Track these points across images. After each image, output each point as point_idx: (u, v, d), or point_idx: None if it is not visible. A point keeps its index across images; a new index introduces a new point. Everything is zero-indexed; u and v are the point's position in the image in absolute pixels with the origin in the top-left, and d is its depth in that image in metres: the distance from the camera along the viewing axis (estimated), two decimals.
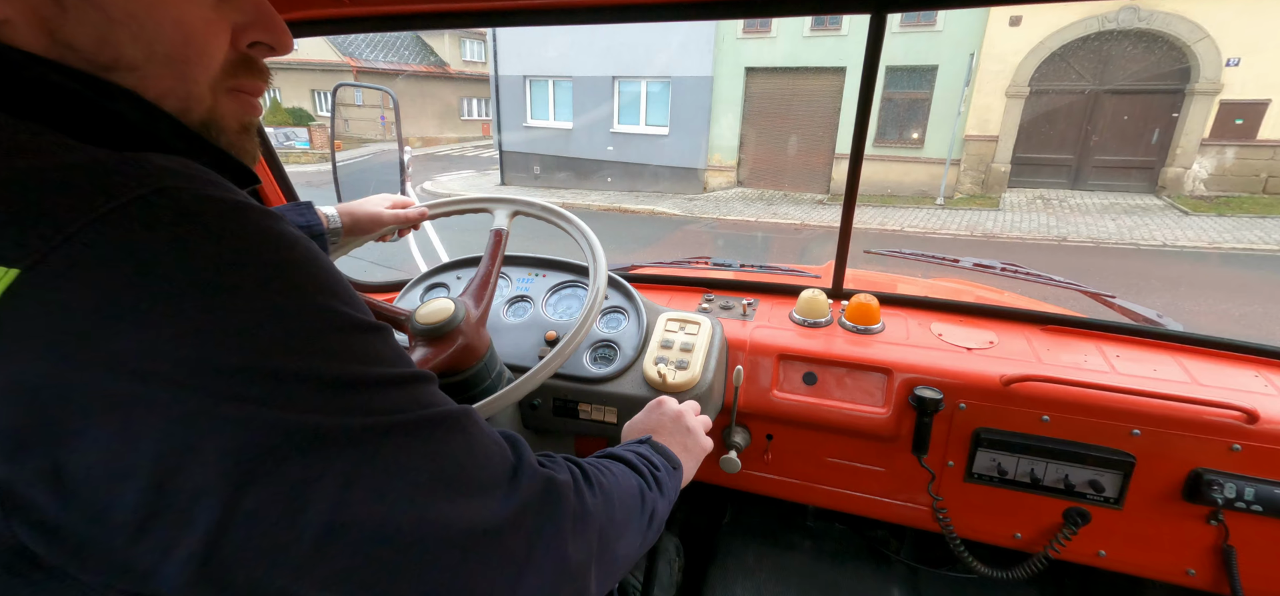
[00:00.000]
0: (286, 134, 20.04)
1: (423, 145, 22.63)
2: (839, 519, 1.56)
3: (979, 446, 1.09)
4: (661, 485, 0.66)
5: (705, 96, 11.92)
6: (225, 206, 0.34)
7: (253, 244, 0.34)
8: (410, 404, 0.38)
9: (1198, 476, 0.98)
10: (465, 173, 15.97)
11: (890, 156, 11.51)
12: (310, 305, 0.35)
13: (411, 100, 22.36)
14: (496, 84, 13.75)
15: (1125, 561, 1.09)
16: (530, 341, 1.23)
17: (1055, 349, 1.16)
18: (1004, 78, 10.36)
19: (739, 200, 11.69)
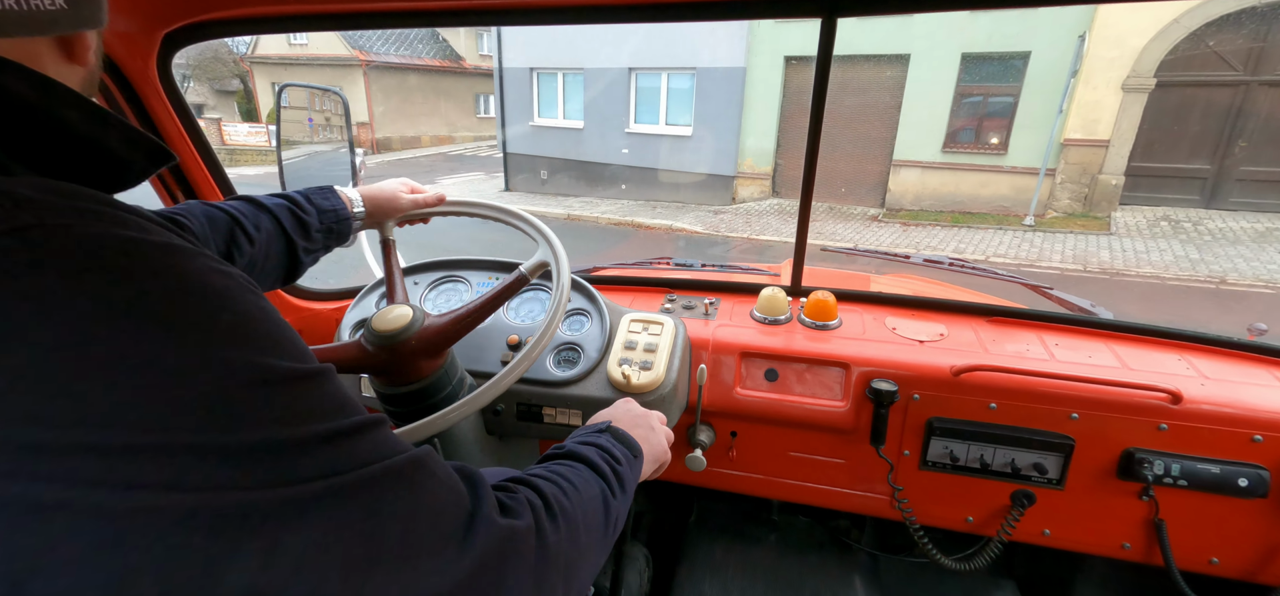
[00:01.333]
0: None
1: (434, 144, 21.51)
2: (803, 511, 1.60)
3: (932, 435, 1.13)
4: (623, 481, 0.64)
5: (736, 91, 9.87)
6: (106, 245, 0.30)
7: (143, 290, 0.30)
8: (346, 462, 0.33)
9: (1130, 455, 1.04)
10: (472, 175, 14.83)
11: (962, 165, 9.08)
12: (217, 359, 0.30)
13: (424, 97, 21.15)
14: (501, 77, 12.03)
15: (1068, 539, 1.16)
16: (492, 347, 1.21)
17: (1000, 339, 1.22)
18: (1121, 66, 7.79)
19: (774, 214, 9.60)
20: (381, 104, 20.10)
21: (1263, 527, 1.04)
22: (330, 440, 0.33)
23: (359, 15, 1.14)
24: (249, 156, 18.80)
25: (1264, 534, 1.05)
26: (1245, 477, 0.99)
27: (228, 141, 19.25)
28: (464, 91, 22.20)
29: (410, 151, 20.35)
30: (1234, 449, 1.01)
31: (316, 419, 0.33)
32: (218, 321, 0.32)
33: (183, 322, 0.30)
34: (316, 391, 0.35)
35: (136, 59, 1.05)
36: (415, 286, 1.35)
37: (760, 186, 10.54)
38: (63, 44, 0.40)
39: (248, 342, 0.32)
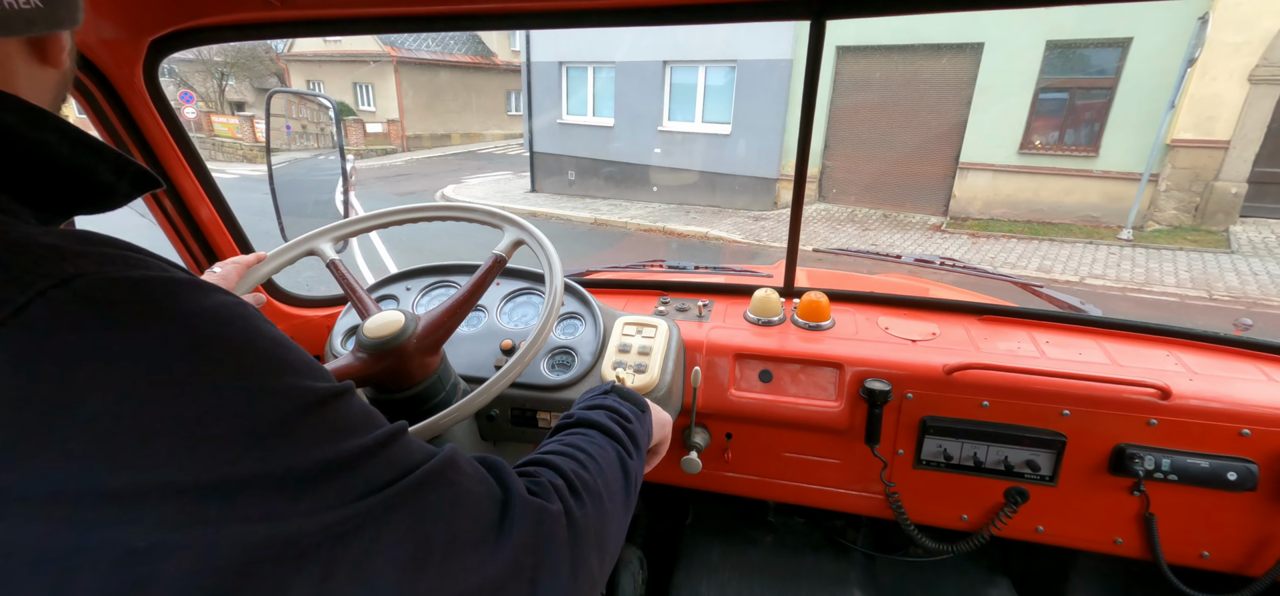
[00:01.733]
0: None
1: (464, 142, 21.19)
2: (798, 512, 1.60)
3: (926, 434, 1.13)
4: (636, 440, 0.64)
5: (781, 85, 8.89)
6: (138, 287, 0.30)
7: (180, 329, 0.30)
8: (388, 473, 0.34)
9: (1121, 451, 1.05)
10: (500, 174, 14.29)
11: (1043, 169, 7.94)
12: (261, 389, 0.31)
13: (455, 94, 20.78)
14: (528, 72, 11.16)
15: (1061, 534, 1.16)
16: (486, 351, 1.20)
17: (992, 337, 1.23)
18: (1248, 54, 6.54)
19: (823, 221, 8.73)
20: (412, 101, 19.81)
21: (1251, 521, 1.05)
22: (372, 452, 0.34)
23: (347, 20, 1.13)
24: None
25: (1253, 527, 1.06)
26: (1234, 471, 1.00)
27: (260, 138, 19.27)
28: (495, 88, 21.74)
29: (440, 149, 19.99)
30: (1222, 443, 1.02)
31: (357, 432, 0.35)
32: (256, 351, 0.32)
33: (229, 358, 0.31)
34: (346, 408, 0.35)
35: (123, 66, 1.04)
36: (407, 292, 1.35)
37: (806, 191, 9.88)
38: (35, 46, 0.39)
39: (287, 369, 0.33)
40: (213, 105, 23.75)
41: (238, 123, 20.24)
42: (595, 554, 0.47)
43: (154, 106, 1.11)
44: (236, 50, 23.59)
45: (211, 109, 22.66)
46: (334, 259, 1.05)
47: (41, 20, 0.37)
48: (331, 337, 1.28)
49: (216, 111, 22.16)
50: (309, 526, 0.30)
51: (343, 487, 0.32)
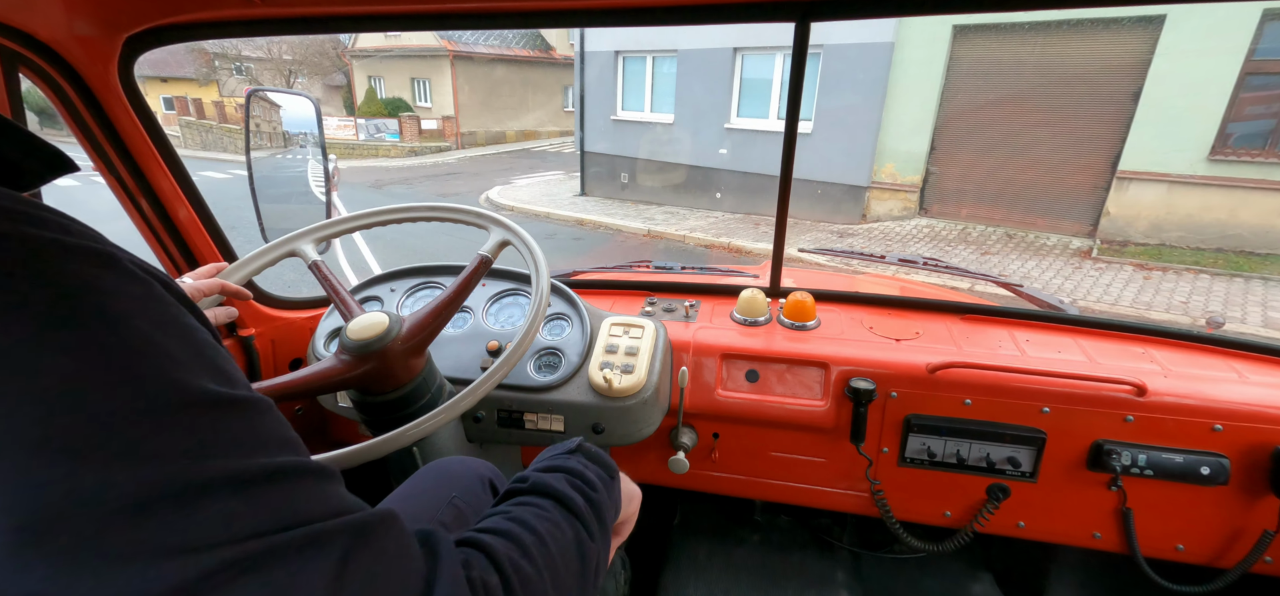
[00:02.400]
0: (377, 126, 18.46)
1: (519, 139, 20.51)
2: (785, 511, 1.61)
3: (910, 432, 1.15)
4: (601, 514, 0.55)
5: (878, 73, 7.41)
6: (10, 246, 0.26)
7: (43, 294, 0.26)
8: (256, 524, 0.28)
9: (1099, 447, 1.07)
10: (552, 174, 13.56)
11: (1245, 181, 5.90)
12: (128, 376, 0.26)
13: (511, 89, 20.08)
14: (581, 63, 10.01)
15: (1041, 530, 1.19)
16: (472, 353, 1.19)
17: (974, 336, 1.25)
18: None
19: (926, 240, 7.21)
20: (468, 97, 19.39)
21: (1224, 514, 1.08)
22: (241, 486, 0.28)
23: (327, 18, 1.12)
24: (336, 150, 18.28)
25: (1225, 520, 1.09)
26: (1207, 466, 1.03)
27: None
28: (552, 83, 20.92)
29: (494, 147, 19.59)
30: (1196, 438, 1.04)
31: (260, 452, 0.29)
32: (125, 332, 0.28)
33: (81, 332, 0.26)
34: (254, 420, 0.30)
35: (97, 63, 1.02)
36: (392, 293, 1.33)
37: (903, 201, 7.79)
38: None
39: (160, 355, 0.28)
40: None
41: None
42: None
43: (130, 105, 1.08)
44: (304, 46, 23.22)
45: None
46: (316, 260, 1.04)
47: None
48: (314, 340, 1.26)
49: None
50: (161, 577, 0.24)
51: (228, 518, 0.26)
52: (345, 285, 1.05)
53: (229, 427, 0.29)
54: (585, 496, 0.54)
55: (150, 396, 0.27)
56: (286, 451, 0.31)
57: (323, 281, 1.02)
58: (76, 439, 0.25)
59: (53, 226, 0.29)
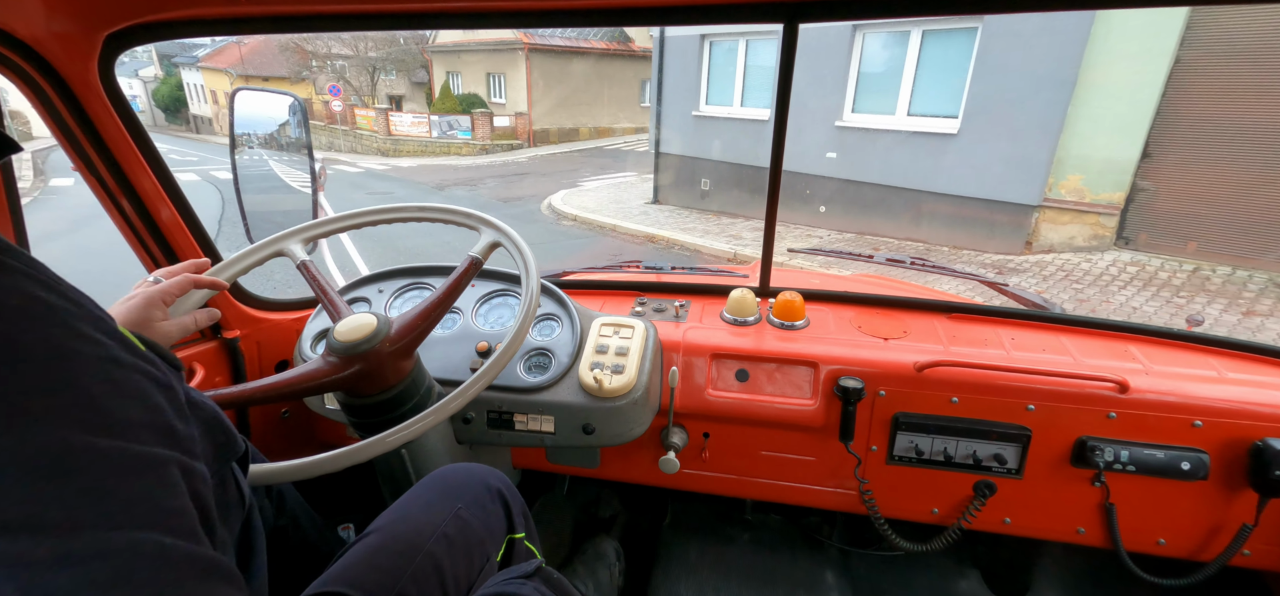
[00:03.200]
0: (449, 122, 18.00)
1: (593, 137, 19.41)
2: (775, 509, 1.62)
3: (898, 430, 1.16)
4: None
5: (1066, 51, 5.33)
6: None
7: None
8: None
9: (1083, 443, 1.09)
10: (625, 175, 12.40)
11: None
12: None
13: (587, 84, 19.03)
14: (661, 50, 8.46)
15: (1027, 526, 1.20)
16: (461, 354, 1.19)
17: (961, 335, 1.26)
18: None
19: (1140, 287, 4.98)
20: (542, 92, 18.54)
21: (1204, 508, 1.10)
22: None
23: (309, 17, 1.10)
24: (410, 147, 18.01)
25: (1205, 514, 1.11)
26: (1187, 461, 1.05)
27: (393, 131, 18.66)
28: (629, 77, 19.65)
29: (566, 145, 18.71)
30: (1177, 434, 1.06)
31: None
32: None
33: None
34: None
35: (76, 61, 1.00)
36: (380, 294, 1.32)
37: (1093, 228, 5.61)
38: None
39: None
40: (368, 100, 22.97)
41: (374, 115, 19.60)
42: None
43: (111, 104, 1.06)
44: (390, 42, 22.82)
45: (365, 103, 21.82)
46: (304, 260, 1.03)
47: None
48: (301, 341, 1.25)
49: (360, 106, 21.26)
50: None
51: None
52: (333, 286, 1.04)
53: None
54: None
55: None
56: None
57: (310, 281, 1.01)
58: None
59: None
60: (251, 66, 27.25)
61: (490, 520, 0.85)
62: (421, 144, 17.91)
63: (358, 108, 20.99)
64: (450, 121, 17.96)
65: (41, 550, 0.25)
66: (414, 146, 17.91)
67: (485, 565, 0.84)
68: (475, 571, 0.81)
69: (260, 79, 26.37)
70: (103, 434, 0.29)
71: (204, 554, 0.31)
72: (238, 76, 27.61)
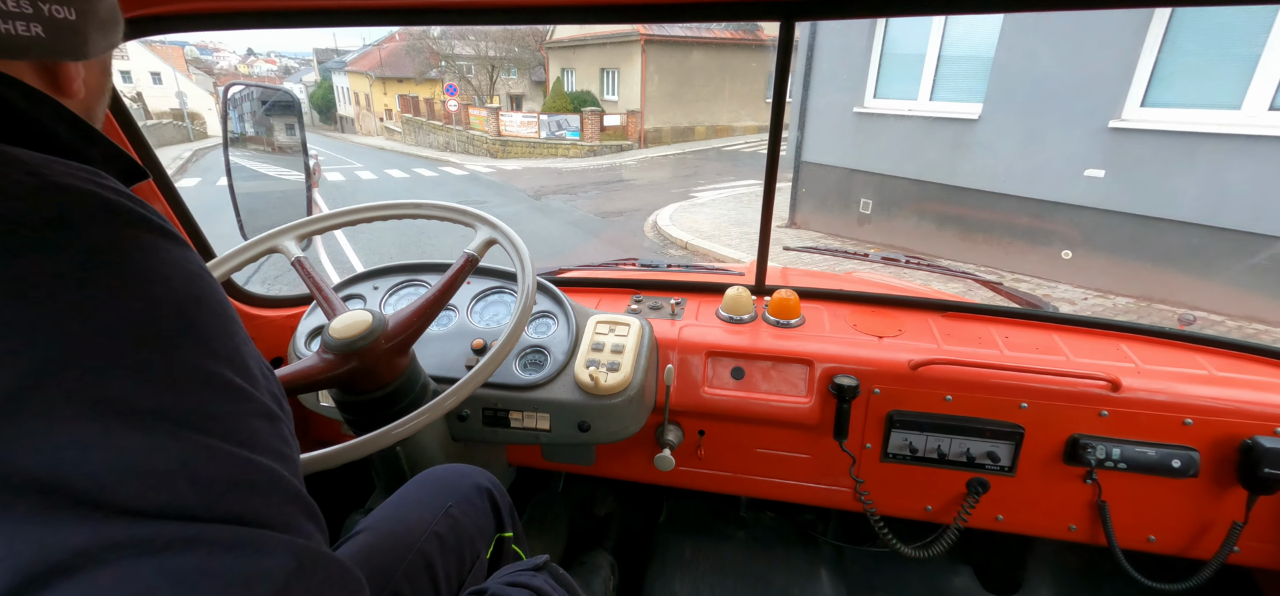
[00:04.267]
0: (558, 122, 17.06)
1: (709, 137, 17.54)
2: (770, 507, 1.62)
3: (892, 428, 1.16)
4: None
5: None
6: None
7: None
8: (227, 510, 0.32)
9: (1075, 441, 1.10)
10: (744, 184, 10.59)
11: None
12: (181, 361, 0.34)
13: (706, 78, 17.30)
14: (813, 32, 6.34)
15: (1019, 523, 1.21)
16: (456, 351, 1.18)
17: (955, 333, 1.27)
18: None
19: None
20: (657, 87, 16.94)
21: (1194, 506, 1.11)
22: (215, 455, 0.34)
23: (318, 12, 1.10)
24: (517, 148, 17.09)
25: (1196, 512, 1.12)
26: (1178, 459, 1.06)
27: (503, 131, 17.79)
28: (753, 70, 17.72)
29: (680, 146, 16.94)
30: (1168, 432, 1.07)
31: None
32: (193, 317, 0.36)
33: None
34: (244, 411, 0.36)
35: None
36: (375, 291, 1.32)
37: None
38: (45, 72, 0.42)
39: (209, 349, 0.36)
40: (492, 99, 22.19)
41: (485, 115, 18.61)
42: None
43: None
44: (510, 39, 22.05)
45: (488, 102, 21.03)
46: (299, 257, 1.03)
47: (40, 48, 0.39)
48: (295, 338, 1.24)
49: (474, 105, 20.42)
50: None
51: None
52: (328, 282, 1.03)
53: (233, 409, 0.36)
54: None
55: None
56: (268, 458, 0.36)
57: (305, 278, 1.01)
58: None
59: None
60: (388, 68, 27.37)
61: (480, 519, 0.86)
62: (529, 145, 17.05)
63: (471, 107, 20.20)
64: (559, 121, 17.05)
65: (195, 442, 0.33)
66: (521, 147, 17.12)
67: (475, 563, 0.84)
68: (466, 570, 0.82)
69: (396, 80, 26.61)
70: (247, 381, 0.37)
71: (303, 493, 0.38)
72: (376, 79, 27.89)
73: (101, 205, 0.35)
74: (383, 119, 26.76)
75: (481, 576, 0.85)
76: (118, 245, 0.34)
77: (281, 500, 0.36)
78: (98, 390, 0.30)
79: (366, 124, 30.02)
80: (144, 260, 0.35)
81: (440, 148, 20.19)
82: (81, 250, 0.33)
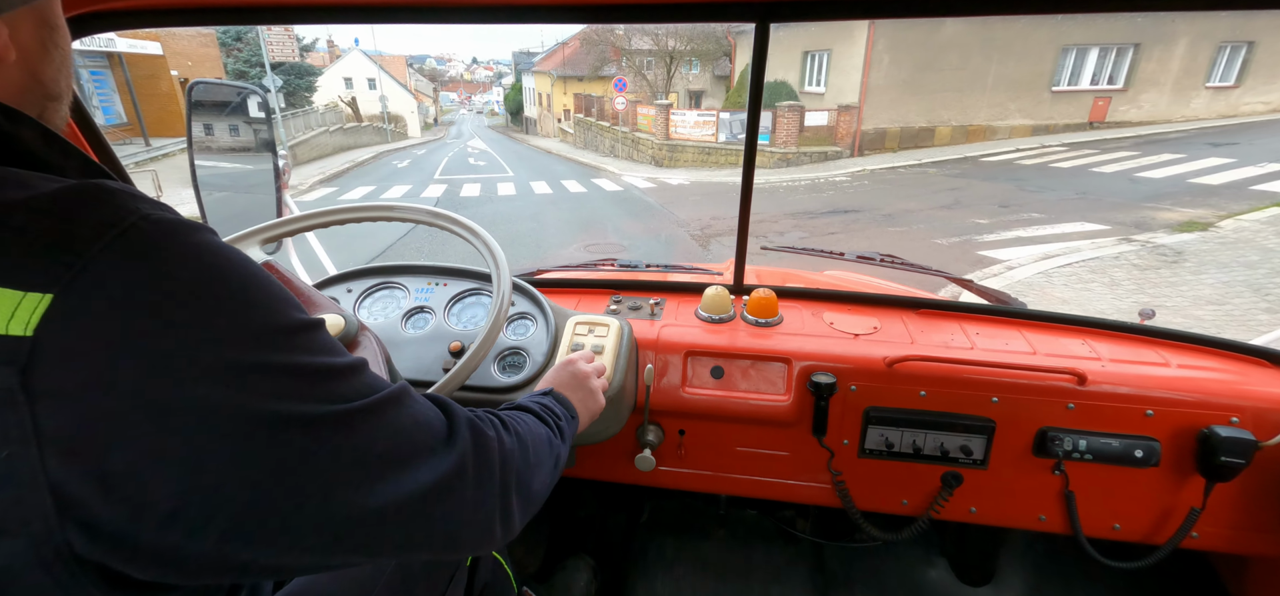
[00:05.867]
0: (742, 121, 11.93)
1: (958, 140, 12.42)
2: (750, 504, 1.63)
3: (869, 423, 1.18)
4: (563, 433, 0.76)
5: None
6: (185, 230, 0.38)
7: (217, 261, 0.38)
8: (365, 388, 0.44)
9: (1044, 434, 1.13)
10: (1080, 241, 5.96)
11: None
12: (276, 308, 0.40)
13: (961, 56, 12.11)
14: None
15: (992, 514, 1.24)
16: (433, 354, 1.17)
17: (928, 330, 1.29)
18: None
19: None
20: (886, 73, 12.25)
21: (1156, 494, 1.15)
22: (351, 372, 0.44)
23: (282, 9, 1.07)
24: (688, 155, 14.02)
25: (1157, 499, 1.16)
26: (1140, 449, 1.09)
27: (674, 133, 14.71)
28: (1039, 43, 12.10)
29: (911, 154, 11.83)
30: (1131, 423, 1.11)
31: (336, 353, 0.44)
32: (262, 283, 0.40)
33: (250, 282, 0.39)
34: (326, 335, 0.44)
35: None
36: (349, 294, 1.29)
37: None
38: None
39: (285, 299, 0.41)
40: (673, 97, 19.11)
41: (654, 113, 15.22)
42: (515, 492, 0.58)
43: None
44: (694, 34, 18.65)
45: (667, 99, 17.45)
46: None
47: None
48: None
49: (645, 102, 17.10)
50: (323, 412, 0.40)
51: (338, 389, 0.42)
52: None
53: (325, 337, 0.44)
54: (553, 421, 0.75)
55: (294, 319, 0.42)
56: (345, 350, 0.45)
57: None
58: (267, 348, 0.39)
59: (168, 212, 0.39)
60: (569, 66, 26.51)
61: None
62: (702, 151, 13.76)
63: (640, 105, 16.88)
64: (743, 120, 14.49)
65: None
66: (693, 153, 13.97)
67: (456, 571, 0.83)
68: (446, 579, 0.81)
69: (576, 79, 25.48)
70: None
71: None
72: (557, 78, 26.88)
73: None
74: (560, 120, 25.60)
75: (461, 584, 0.84)
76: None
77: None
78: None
79: (546, 125, 29.22)
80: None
81: (605, 152, 17.57)
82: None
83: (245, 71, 15.11)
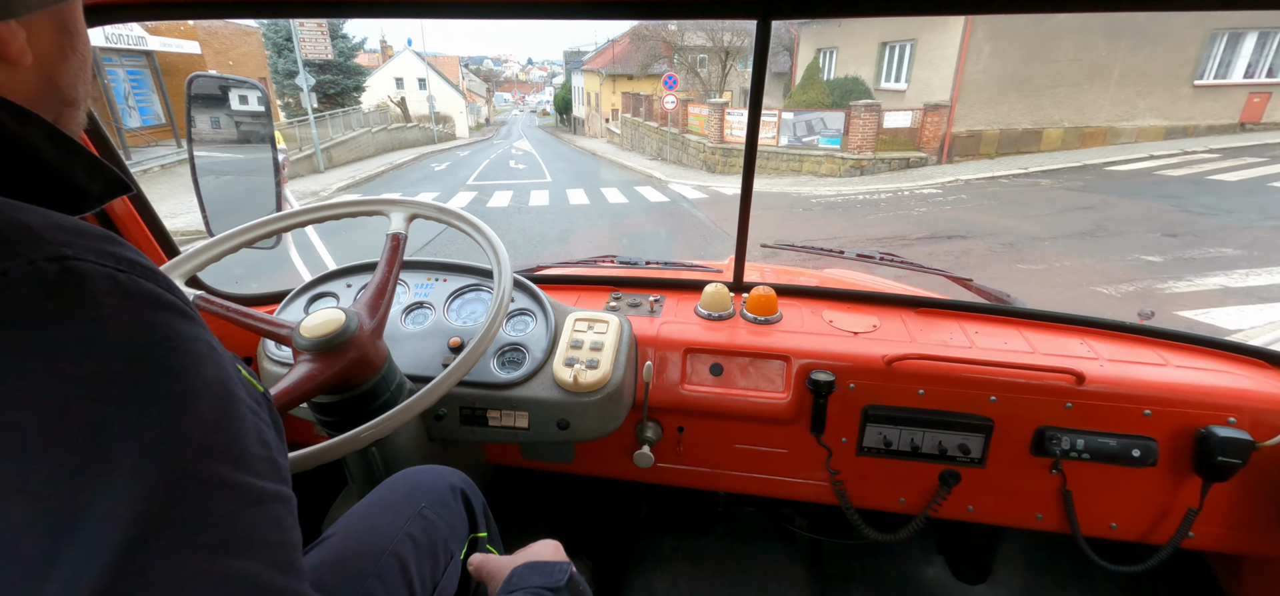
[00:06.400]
0: (809, 123, 11.21)
1: (1073, 144, 10.69)
2: (748, 502, 1.64)
3: (867, 422, 1.18)
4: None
5: None
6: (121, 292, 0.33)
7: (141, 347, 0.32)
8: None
9: (1042, 433, 1.13)
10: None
11: None
12: (188, 453, 0.32)
13: (1079, 43, 10.28)
14: None
15: (989, 513, 1.24)
16: (432, 349, 1.17)
17: (927, 329, 1.29)
18: None
19: None
20: (983, 66, 10.43)
21: (1153, 493, 1.16)
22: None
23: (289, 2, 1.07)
24: (731, 160, 12.62)
25: (1154, 499, 1.16)
26: (1138, 449, 1.10)
27: (728, 135, 13.12)
28: (1180, 27, 10.09)
29: (1012, 160, 10.18)
30: (1129, 423, 1.11)
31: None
32: (190, 408, 0.33)
33: (168, 400, 0.33)
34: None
35: None
36: (348, 289, 1.29)
37: None
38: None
39: (223, 452, 0.34)
40: (716, 94, 17.77)
41: (707, 113, 13.75)
42: None
43: None
44: (747, 30, 16.57)
45: (705, 98, 16.08)
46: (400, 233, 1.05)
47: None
48: (263, 339, 1.21)
49: (697, 100, 15.52)
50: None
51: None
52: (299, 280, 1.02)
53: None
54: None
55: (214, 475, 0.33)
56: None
57: (390, 256, 1.02)
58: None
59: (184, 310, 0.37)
60: (618, 64, 25.80)
61: (453, 519, 0.85)
62: (764, 156, 11.92)
63: (692, 104, 15.10)
64: (810, 121, 11.21)
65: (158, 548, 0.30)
66: (733, 158, 12.68)
67: (449, 564, 0.84)
68: (440, 571, 0.81)
69: (625, 77, 24.89)
70: (229, 466, 0.34)
71: (297, 589, 0.35)
72: (606, 77, 26.33)
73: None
74: (608, 120, 24.60)
75: (455, 577, 0.84)
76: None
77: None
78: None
79: (593, 125, 28.67)
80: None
81: (652, 154, 16.08)
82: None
83: (294, 71, 14.87)
